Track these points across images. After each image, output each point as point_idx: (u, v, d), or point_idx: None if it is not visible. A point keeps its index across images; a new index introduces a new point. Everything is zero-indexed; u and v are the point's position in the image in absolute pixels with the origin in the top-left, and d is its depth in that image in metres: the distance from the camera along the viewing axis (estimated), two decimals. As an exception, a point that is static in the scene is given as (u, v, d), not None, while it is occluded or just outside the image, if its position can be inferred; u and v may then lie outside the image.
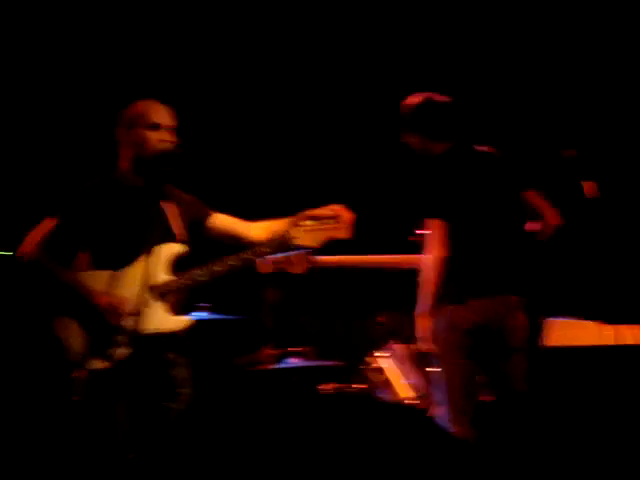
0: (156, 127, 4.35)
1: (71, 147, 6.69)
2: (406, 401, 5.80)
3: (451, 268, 4.85)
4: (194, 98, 6.72)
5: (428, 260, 4.87)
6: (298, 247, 4.35)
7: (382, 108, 5.66)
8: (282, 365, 5.98)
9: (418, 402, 5.73)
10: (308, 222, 4.33)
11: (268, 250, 4.34)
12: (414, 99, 5.14)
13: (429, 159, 5.06)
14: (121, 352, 4.18)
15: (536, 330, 5.83)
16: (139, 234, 4.29)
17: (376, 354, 5.96)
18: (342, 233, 4.33)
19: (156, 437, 4.26)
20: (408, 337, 6.08)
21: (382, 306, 6.41)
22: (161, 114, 4.39)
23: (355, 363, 6.03)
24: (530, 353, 5.02)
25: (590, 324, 5.71)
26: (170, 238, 4.36)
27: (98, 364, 4.20)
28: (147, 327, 4.22)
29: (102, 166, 4.50)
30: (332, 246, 4.61)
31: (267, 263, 5.55)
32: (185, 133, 4.46)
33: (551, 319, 5.73)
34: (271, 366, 5.95)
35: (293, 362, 6.02)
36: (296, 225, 4.33)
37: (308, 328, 6.65)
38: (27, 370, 6.18)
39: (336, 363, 6.12)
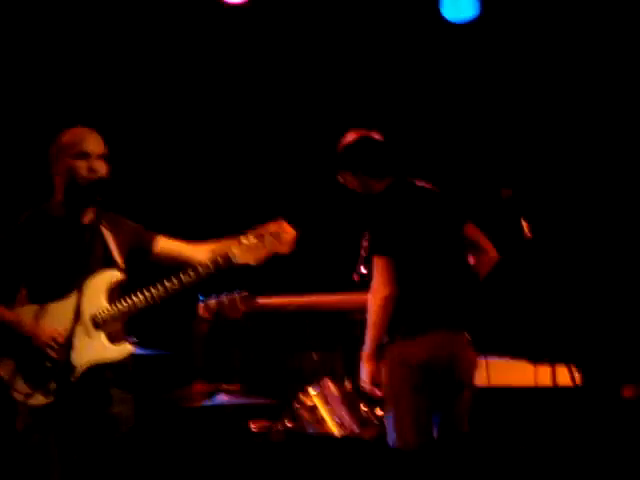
0: (85, 156, 4.26)
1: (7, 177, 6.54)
2: (339, 440, 5.72)
3: (399, 304, 4.76)
4: (126, 121, 6.61)
5: (374, 299, 4.78)
6: (239, 265, 4.28)
7: (321, 143, 5.63)
8: (212, 402, 5.84)
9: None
10: (249, 239, 4.26)
11: (210, 269, 4.25)
12: (348, 137, 5.09)
13: (369, 197, 5.00)
14: (60, 386, 4.05)
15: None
16: (74, 264, 4.18)
17: (309, 391, 5.86)
18: (283, 249, 4.29)
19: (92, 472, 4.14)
20: (341, 375, 6.03)
21: (314, 343, 6.32)
22: (89, 142, 4.30)
23: (286, 400, 5.92)
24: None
25: (526, 364, 5.69)
26: (107, 266, 4.26)
27: (39, 400, 4.09)
28: (86, 359, 4.12)
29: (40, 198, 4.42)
30: (273, 285, 4.53)
31: (206, 306, 5.44)
32: (118, 158, 4.38)
33: (487, 358, 5.70)
34: (201, 403, 5.81)
35: (223, 399, 5.89)
36: (238, 243, 4.26)
37: (238, 363, 6.50)
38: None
39: (267, 401, 5.99)
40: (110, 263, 4.28)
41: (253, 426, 5.84)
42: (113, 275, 4.26)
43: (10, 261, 4.24)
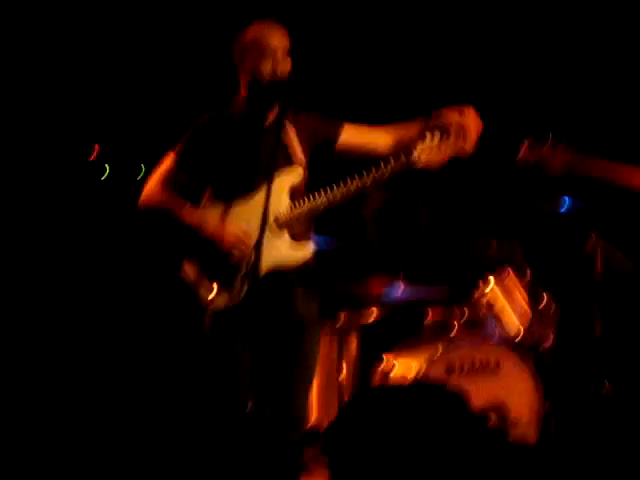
0: (269, 53, 4.15)
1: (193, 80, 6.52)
2: (521, 331, 5.65)
3: None
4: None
5: None
6: (420, 169, 4.12)
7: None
8: (390, 296, 5.82)
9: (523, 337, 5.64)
10: (433, 140, 4.08)
11: (390, 174, 4.11)
12: None
13: None
14: (245, 288, 4.04)
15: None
16: (258, 164, 4.14)
17: (489, 280, 5.77)
18: (466, 149, 4.08)
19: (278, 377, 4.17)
20: (519, 266, 5.91)
21: (492, 232, 6.18)
22: (274, 38, 4.18)
23: (466, 289, 5.85)
24: None
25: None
26: (290, 165, 4.20)
27: (224, 301, 4.09)
28: (270, 260, 4.07)
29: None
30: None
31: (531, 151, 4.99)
32: (302, 53, 4.25)
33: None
34: (379, 296, 5.80)
35: (401, 291, 5.86)
36: (420, 141, 4.09)
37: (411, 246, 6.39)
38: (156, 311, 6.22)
39: (444, 293, 5.92)
40: (294, 162, 4.20)
41: (431, 314, 5.82)
42: (296, 174, 4.20)
43: (195, 160, 4.22)
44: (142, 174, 6.30)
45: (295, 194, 4.20)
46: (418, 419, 2.27)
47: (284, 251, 4.15)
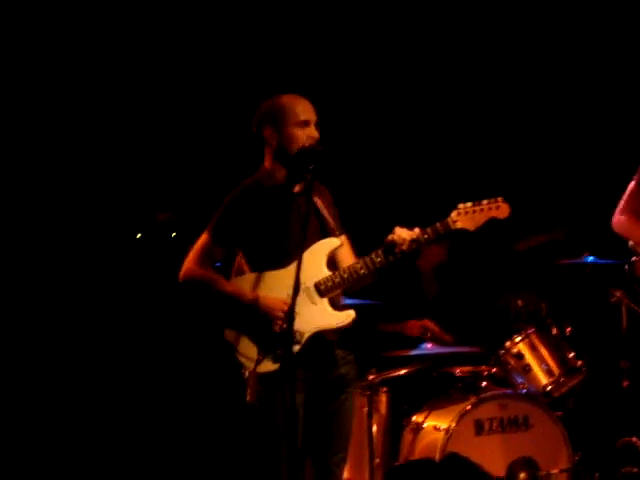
0: (305, 124, 4.27)
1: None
2: (548, 387, 5.72)
3: None
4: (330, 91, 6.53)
5: None
6: (458, 231, 4.27)
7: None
8: (418, 351, 5.87)
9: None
10: (466, 205, 4.25)
11: (429, 237, 4.23)
12: None
13: None
14: (288, 353, 4.09)
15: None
16: (291, 234, 4.24)
17: (515, 338, 5.84)
18: (501, 213, 4.26)
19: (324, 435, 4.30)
20: (544, 321, 5.97)
21: (518, 288, 6.26)
22: (307, 109, 4.30)
23: (492, 348, 5.91)
24: None
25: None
26: (324, 234, 4.29)
27: (268, 366, 4.17)
28: (313, 325, 4.19)
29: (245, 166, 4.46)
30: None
31: None
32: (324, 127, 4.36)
33: None
34: (407, 352, 5.86)
35: (429, 348, 5.92)
36: (455, 208, 4.26)
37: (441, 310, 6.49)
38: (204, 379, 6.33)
39: (473, 349, 5.99)
40: (326, 231, 4.30)
41: (458, 371, 5.86)
42: (332, 243, 4.29)
43: (231, 233, 4.29)
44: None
45: (332, 262, 4.30)
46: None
47: (326, 317, 4.23)
